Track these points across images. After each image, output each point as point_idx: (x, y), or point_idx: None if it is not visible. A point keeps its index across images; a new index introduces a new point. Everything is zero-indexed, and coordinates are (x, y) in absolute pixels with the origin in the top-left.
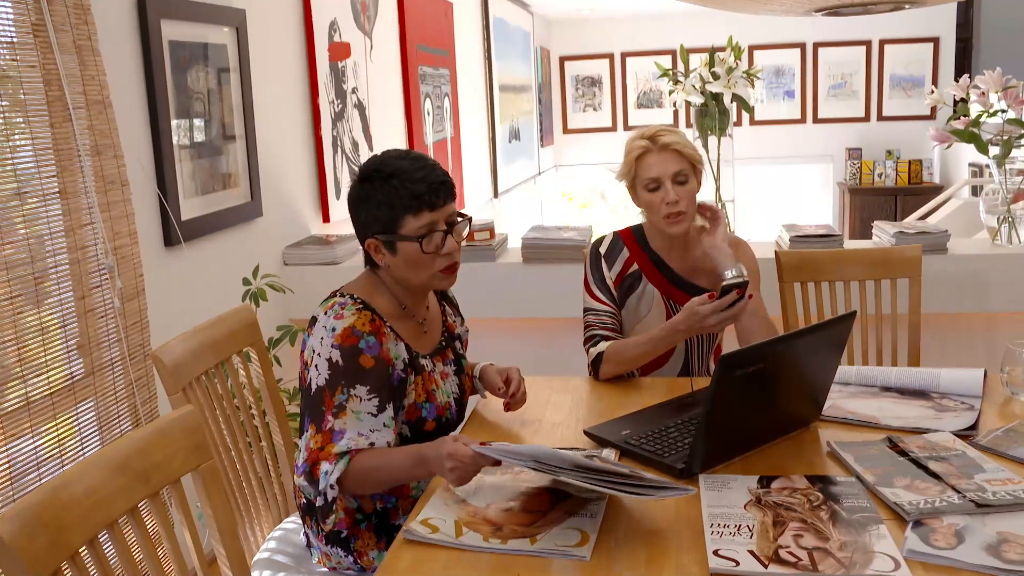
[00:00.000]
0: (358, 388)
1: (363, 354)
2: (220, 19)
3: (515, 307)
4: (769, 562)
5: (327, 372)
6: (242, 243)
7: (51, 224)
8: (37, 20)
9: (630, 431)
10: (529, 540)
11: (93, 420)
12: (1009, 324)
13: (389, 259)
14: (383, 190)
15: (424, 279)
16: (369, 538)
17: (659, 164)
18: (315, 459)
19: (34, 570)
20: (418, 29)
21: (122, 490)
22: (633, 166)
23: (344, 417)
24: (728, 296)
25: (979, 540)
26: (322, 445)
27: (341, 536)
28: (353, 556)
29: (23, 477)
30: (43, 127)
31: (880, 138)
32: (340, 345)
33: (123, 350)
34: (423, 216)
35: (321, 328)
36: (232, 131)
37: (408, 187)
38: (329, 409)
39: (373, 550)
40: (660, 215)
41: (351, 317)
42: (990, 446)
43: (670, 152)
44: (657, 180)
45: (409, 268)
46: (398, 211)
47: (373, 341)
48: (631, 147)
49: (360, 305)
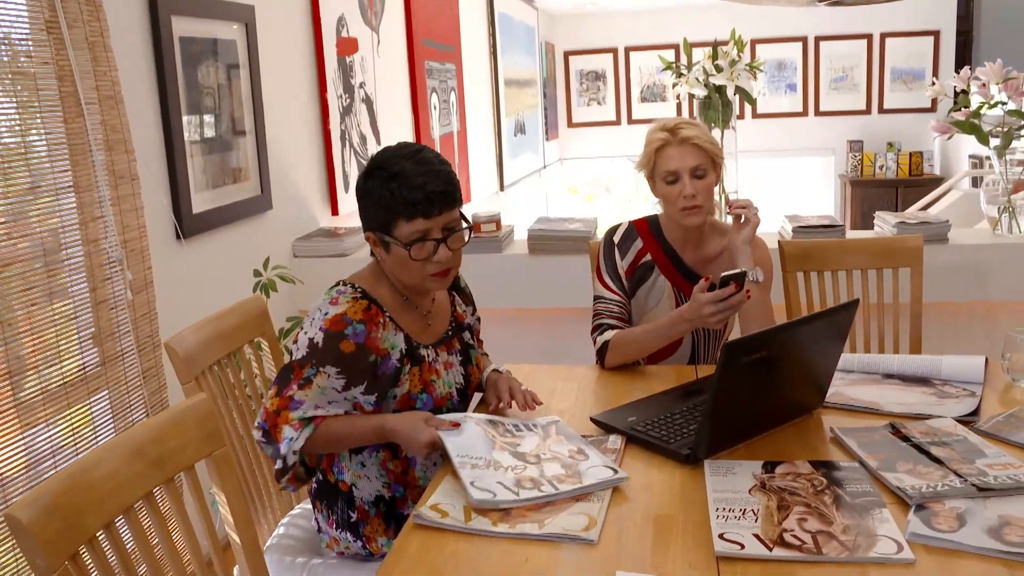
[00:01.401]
0: (328, 368)
1: (345, 339)
2: (229, 15)
3: (521, 297)
4: (774, 545)
5: (305, 349)
6: (252, 236)
7: (64, 218)
8: (50, 17)
9: (636, 418)
10: (537, 524)
11: (107, 410)
12: (1009, 312)
13: (383, 255)
14: (381, 190)
15: (415, 281)
16: (378, 524)
17: (678, 157)
18: (273, 422)
19: (52, 553)
20: (424, 24)
21: (138, 476)
22: (652, 158)
23: (308, 390)
24: (726, 288)
25: (980, 523)
26: (278, 409)
27: (351, 521)
28: (362, 541)
29: (39, 465)
30: (56, 123)
31: (881, 130)
32: (326, 329)
33: (133, 341)
34: (416, 223)
35: (316, 311)
36: (242, 126)
37: (404, 193)
38: (296, 379)
39: (382, 536)
40: (676, 207)
41: (345, 305)
42: (991, 431)
43: (690, 146)
44: (675, 173)
45: (399, 269)
46: (393, 214)
47: (361, 329)
48: (651, 138)
49: (359, 294)
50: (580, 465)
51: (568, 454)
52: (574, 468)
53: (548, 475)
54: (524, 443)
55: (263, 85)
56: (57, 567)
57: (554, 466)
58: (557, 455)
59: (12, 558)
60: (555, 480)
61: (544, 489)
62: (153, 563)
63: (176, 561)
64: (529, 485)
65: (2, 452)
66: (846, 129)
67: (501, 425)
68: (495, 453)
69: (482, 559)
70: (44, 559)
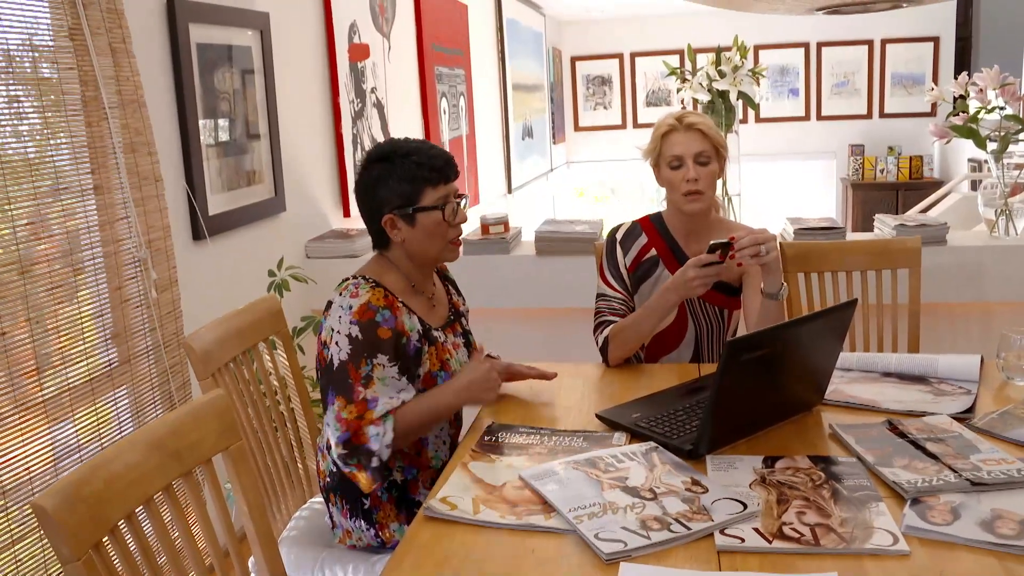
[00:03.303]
0: (379, 357)
1: (380, 327)
2: (245, 22)
3: (528, 297)
4: (773, 538)
5: (348, 347)
6: (266, 237)
7: (88, 219)
8: (74, 24)
9: (640, 414)
10: (544, 516)
11: (128, 407)
12: (1005, 313)
13: (406, 233)
14: (403, 166)
15: (438, 249)
16: (390, 509)
17: (684, 143)
18: (356, 428)
19: (75, 542)
20: (434, 30)
21: (158, 468)
22: (659, 143)
23: (373, 386)
24: (711, 255)
25: (974, 516)
26: (359, 414)
27: (364, 508)
28: (375, 529)
29: (65, 459)
30: (80, 126)
31: (882, 135)
32: (358, 321)
33: (157, 339)
34: (440, 188)
35: (338, 308)
36: (256, 130)
37: (427, 162)
38: (357, 381)
39: (394, 522)
40: (679, 192)
41: (366, 295)
42: (986, 428)
43: (695, 132)
44: (680, 158)
45: (426, 239)
46: (419, 184)
47: (388, 315)
48: (658, 125)
49: (372, 284)
50: (703, 499)
51: (684, 487)
52: (698, 503)
53: (672, 512)
54: (632, 475)
55: (277, 90)
56: (81, 555)
57: (673, 501)
58: (672, 488)
59: (40, 549)
60: (682, 518)
61: (675, 529)
62: (172, 553)
63: (194, 551)
64: (656, 526)
65: (30, 447)
66: (848, 133)
67: (601, 460)
68: (606, 494)
69: (490, 549)
70: (68, 548)
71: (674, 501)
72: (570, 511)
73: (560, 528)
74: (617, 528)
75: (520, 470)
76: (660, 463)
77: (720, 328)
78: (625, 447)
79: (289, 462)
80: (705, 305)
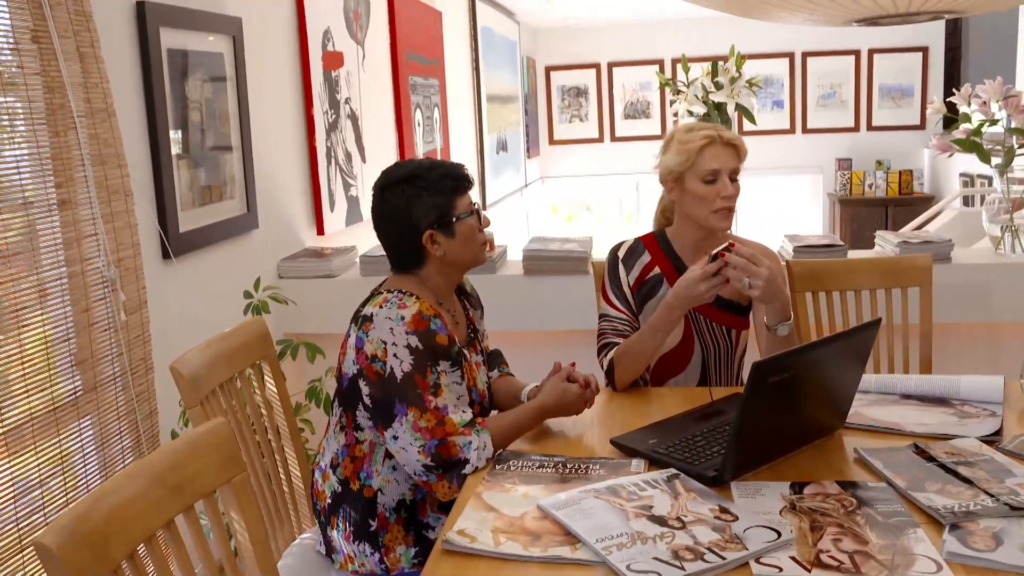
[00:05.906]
0: (442, 364)
1: (437, 334)
2: (217, 27)
3: (518, 320)
4: (812, 567)
5: (410, 358)
6: (238, 255)
7: (53, 235)
8: (38, 26)
9: (656, 440)
10: (570, 548)
11: (92, 438)
12: (1012, 334)
13: (446, 245)
14: (433, 180)
15: (475, 253)
16: (397, 531)
17: (722, 157)
18: (440, 435)
19: None
20: (409, 37)
21: (158, 502)
22: (694, 156)
23: (443, 394)
24: (714, 263)
25: (1018, 542)
26: (439, 421)
27: (370, 530)
28: (380, 554)
29: (26, 495)
30: (45, 136)
31: (870, 148)
32: (415, 331)
33: (124, 364)
34: (465, 198)
35: (386, 320)
36: (228, 141)
37: (451, 172)
38: (426, 390)
39: (400, 545)
40: (712, 208)
41: (415, 305)
42: (1017, 451)
43: (731, 148)
44: (716, 172)
45: (463, 246)
46: (449, 195)
47: (440, 323)
48: (691, 137)
49: (415, 296)
50: (734, 527)
51: (712, 515)
52: (729, 532)
53: (704, 542)
54: (657, 504)
55: (250, 100)
56: None
57: (703, 530)
58: (700, 516)
59: None
60: (715, 547)
61: (709, 559)
62: None
63: None
64: (690, 556)
65: None
66: (834, 147)
67: (623, 489)
68: (632, 524)
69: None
70: None
71: (704, 530)
72: (597, 541)
73: (588, 560)
74: (649, 559)
75: (538, 499)
76: (684, 490)
77: (728, 349)
78: (645, 474)
79: (277, 491)
80: (712, 325)
